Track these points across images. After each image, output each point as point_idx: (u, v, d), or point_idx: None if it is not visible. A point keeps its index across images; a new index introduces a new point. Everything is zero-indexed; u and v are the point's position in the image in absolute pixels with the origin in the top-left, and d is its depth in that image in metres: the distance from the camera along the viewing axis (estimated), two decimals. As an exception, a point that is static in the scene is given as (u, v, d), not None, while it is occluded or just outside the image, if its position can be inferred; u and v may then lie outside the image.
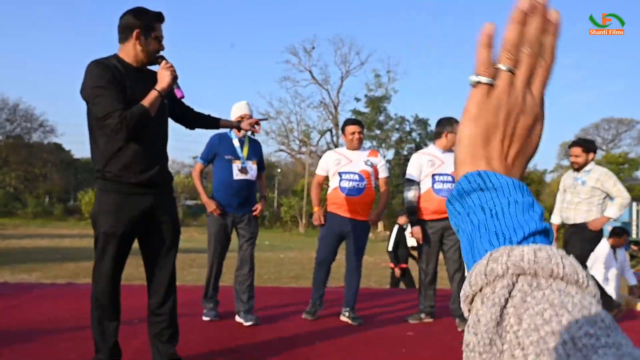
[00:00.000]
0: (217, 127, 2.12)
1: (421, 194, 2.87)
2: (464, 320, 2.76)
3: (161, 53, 1.68)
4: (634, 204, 14.15)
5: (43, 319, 2.65)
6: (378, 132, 24.10)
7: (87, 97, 1.57)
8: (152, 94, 1.57)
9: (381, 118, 24.31)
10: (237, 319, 2.72)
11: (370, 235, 3.17)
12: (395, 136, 25.62)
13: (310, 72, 24.88)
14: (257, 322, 2.66)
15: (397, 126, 26.96)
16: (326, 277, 2.91)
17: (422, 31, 46.58)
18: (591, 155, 2.98)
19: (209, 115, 2.07)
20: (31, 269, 5.59)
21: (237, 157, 2.73)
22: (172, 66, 1.62)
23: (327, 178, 3.01)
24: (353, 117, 24.69)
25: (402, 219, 4.86)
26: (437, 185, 2.84)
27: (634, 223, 13.71)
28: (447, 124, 2.93)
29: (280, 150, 25.71)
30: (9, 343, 2.13)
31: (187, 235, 14.38)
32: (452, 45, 48.01)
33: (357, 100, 25.00)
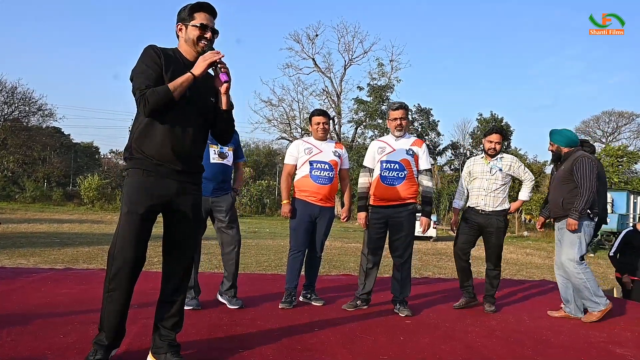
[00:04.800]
0: (223, 113, 1.79)
1: (371, 180, 2.94)
2: (405, 307, 2.81)
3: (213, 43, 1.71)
4: (632, 196, 14.18)
5: (41, 303, 2.64)
6: (380, 121, 23.90)
7: (130, 77, 1.65)
8: (183, 76, 1.61)
9: (384, 107, 24.09)
10: (220, 298, 2.81)
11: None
12: (400, 126, 25.28)
13: (313, 59, 24.49)
14: (242, 306, 2.72)
15: (398, 115, 26.71)
16: (301, 267, 2.91)
17: (427, 20, 45.76)
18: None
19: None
20: (29, 254, 5.58)
21: (214, 142, 2.68)
22: (211, 54, 1.64)
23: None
24: (355, 105, 24.55)
25: None
26: (384, 173, 2.86)
27: (631, 215, 13.78)
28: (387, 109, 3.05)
29: (282, 138, 25.52)
30: (6, 327, 2.11)
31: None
32: (455, 35, 47.23)
33: (360, 89, 24.73)
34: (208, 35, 1.69)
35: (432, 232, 13.54)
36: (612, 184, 18.63)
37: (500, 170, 3.04)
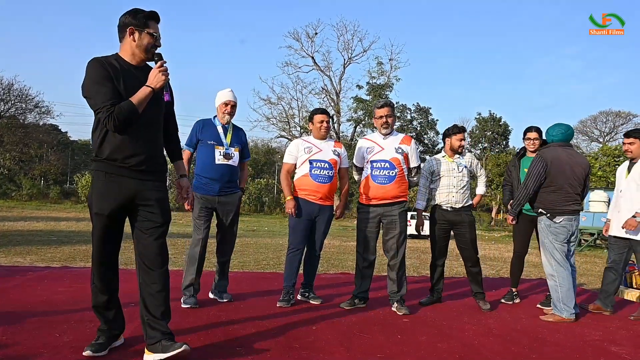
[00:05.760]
0: (172, 160, 2.06)
1: (362, 179, 2.97)
2: (402, 305, 2.81)
3: (158, 51, 1.82)
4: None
5: (37, 301, 2.63)
6: (378, 119, 23.84)
7: (83, 93, 1.71)
8: (144, 91, 1.72)
9: (382, 106, 24.01)
10: (211, 295, 2.92)
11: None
12: (396, 125, 25.37)
13: (312, 58, 24.43)
14: (231, 300, 2.85)
15: (398, 114, 26.82)
16: (299, 265, 2.92)
17: (426, 19, 45.69)
18: None
19: (174, 148, 2.04)
20: (26, 252, 5.55)
21: (220, 143, 2.79)
22: (166, 69, 1.76)
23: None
24: (354, 104, 24.57)
25: None
26: (375, 172, 2.88)
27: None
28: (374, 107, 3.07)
29: (281, 136, 25.46)
30: (1, 325, 2.10)
31: (189, 220, 14.46)
32: (454, 34, 47.19)
33: (359, 87, 24.72)
34: (159, 44, 1.81)
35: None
36: (608, 184, 18.73)
37: (465, 167, 3.15)
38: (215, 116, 2.88)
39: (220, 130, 2.82)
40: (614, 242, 3.11)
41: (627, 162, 3.14)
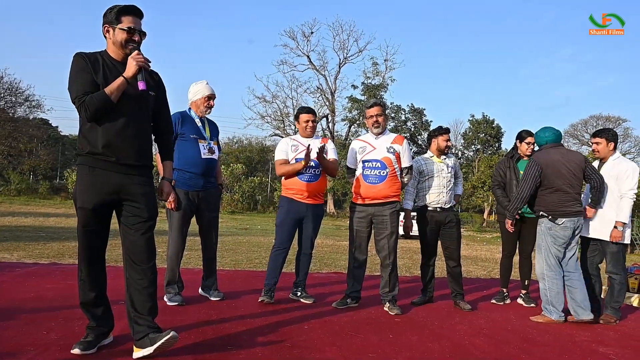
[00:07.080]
0: (162, 159, 2.00)
1: (354, 179, 2.98)
2: (394, 305, 2.83)
3: (141, 45, 1.79)
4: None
5: (25, 298, 2.59)
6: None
7: (68, 88, 1.73)
8: (117, 81, 1.71)
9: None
10: (201, 292, 2.88)
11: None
12: (390, 125, 25.62)
13: (308, 57, 24.40)
14: (223, 298, 2.81)
15: (392, 115, 26.94)
16: (282, 264, 2.90)
17: (421, 20, 45.96)
18: None
19: (165, 146, 1.99)
20: (13, 248, 5.44)
21: (203, 137, 2.74)
22: (141, 56, 1.73)
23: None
24: (349, 104, 24.63)
25: None
26: (366, 172, 2.88)
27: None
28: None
29: (276, 134, 25.38)
30: (-13, 322, 2.06)
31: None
32: (449, 35, 47.56)
33: (354, 87, 24.80)
34: (136, 38, 1.77)
35: None
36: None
37: (452, 167, 3.22)
38: (190, 108, 2.78)
39: (199, 123, 2.75)
40: (584, 245, 3.10)
41: (597, 162, 3.15)
